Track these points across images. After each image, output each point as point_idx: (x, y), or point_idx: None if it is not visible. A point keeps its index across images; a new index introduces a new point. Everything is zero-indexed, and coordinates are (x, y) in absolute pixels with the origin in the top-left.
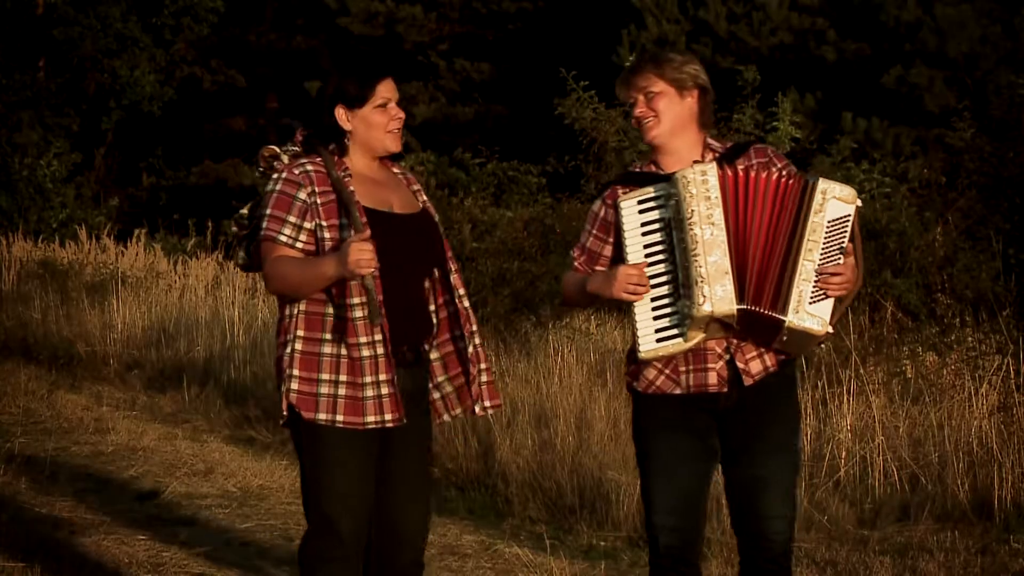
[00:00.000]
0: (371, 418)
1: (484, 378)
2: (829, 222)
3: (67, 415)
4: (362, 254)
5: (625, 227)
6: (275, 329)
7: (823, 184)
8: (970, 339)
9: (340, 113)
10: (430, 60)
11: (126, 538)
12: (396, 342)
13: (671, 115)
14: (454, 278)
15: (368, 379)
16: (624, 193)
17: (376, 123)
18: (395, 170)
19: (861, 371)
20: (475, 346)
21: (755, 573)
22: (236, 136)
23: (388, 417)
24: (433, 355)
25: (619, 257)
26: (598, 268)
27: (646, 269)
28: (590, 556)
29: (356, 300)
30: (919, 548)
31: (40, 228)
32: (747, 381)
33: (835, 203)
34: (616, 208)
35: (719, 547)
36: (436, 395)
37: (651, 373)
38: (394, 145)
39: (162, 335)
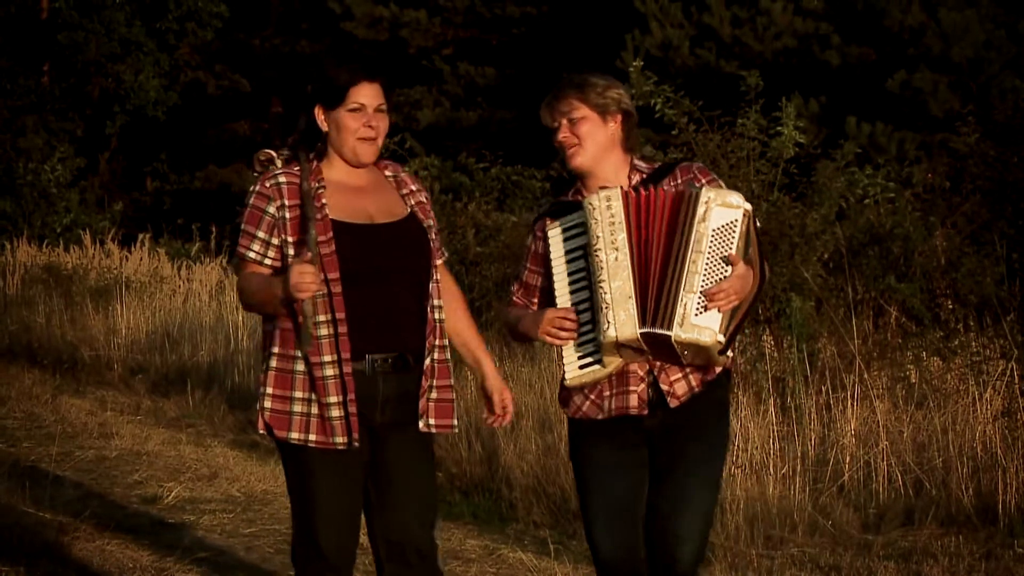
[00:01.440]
0: (340, 439)
1: (434, 395)
2: (713, 230)
3: (71, 419)
4: (302, 277)
5: (552, 256)
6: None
7: (706, 193)
8: (974, 344)
9: (318, 112)
10: (434, 65)
11: (130, 543)
12: (365, 353)
13: (594, 141)
14: (432, 287)
15: (333, 399)
16: (551, 223)
17: (346, 127)
18: (387, 172)
19: (865, 376)
20: (434, 360)
21: None
22: (240, 141)
23: (355, 437)
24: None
25: (550, 287)
26: (534, 301)
27: (570, 297)
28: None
29: (320, 318)
30: (923, 553)
31: (44, 233)
32: (672, 403)
33: (720, 210)
34: (545, 238)
35: (723, 552)
36: (422, 400)
37: (578, 399)
38: (366, 154)
39: (166, 340)
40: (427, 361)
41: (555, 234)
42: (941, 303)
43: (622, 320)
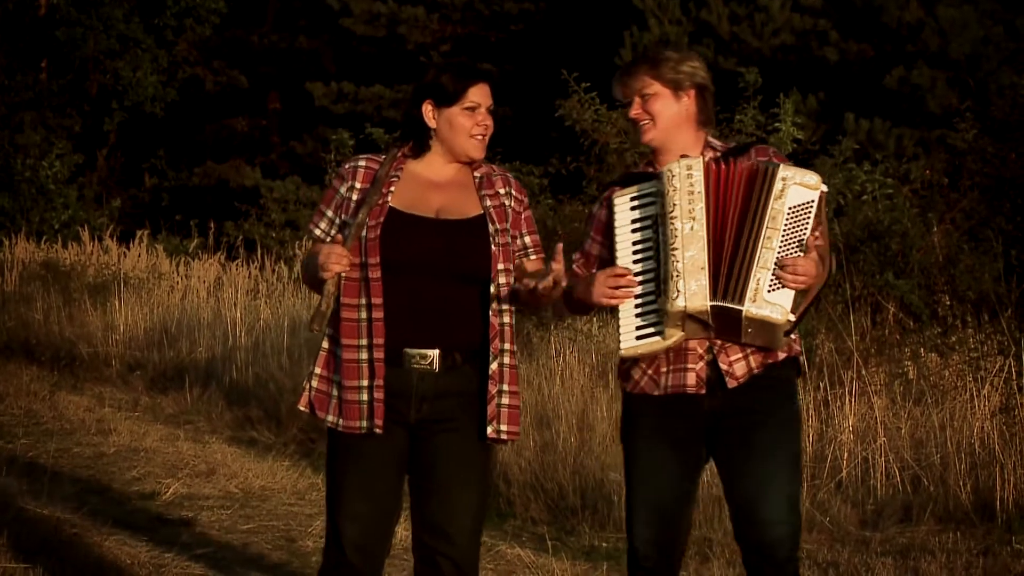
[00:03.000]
0: (363, 423)
1: (505, 401)
2: (790, 208)
3: (69, 416)
4: (328, 257)
5: (616, 225)
6: None
7: (784, 170)
8: (972, 340)
9: (427, 109)
10: (432, 61)
11: (128, 539)
12: (397, 344)
13: (666, 117)
14: (497, 289)
15: (361, 383)
16: (619, 192)
17: (460, 126)
18: (476, 173)
19: (863, 372)
20: (501, 364)
21: None
22: (238, 137)
23: (377, 423)
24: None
25: (611, 258)
26: (594, 271)
27: (633, 267)
28: (592, 557)
29: (362, 301)
30: (921, 549)
31: (42, 229)
32: (731, 383)
33: (797, 189)
34: (609, 206)
35: (720, 548)
36: (490, 406)
37: (636, 373)
38: (476, 151)
39: (164, 336)
40: (494, 365)
41: (622, 202)
42: (939, 299)
43: (693, 291)
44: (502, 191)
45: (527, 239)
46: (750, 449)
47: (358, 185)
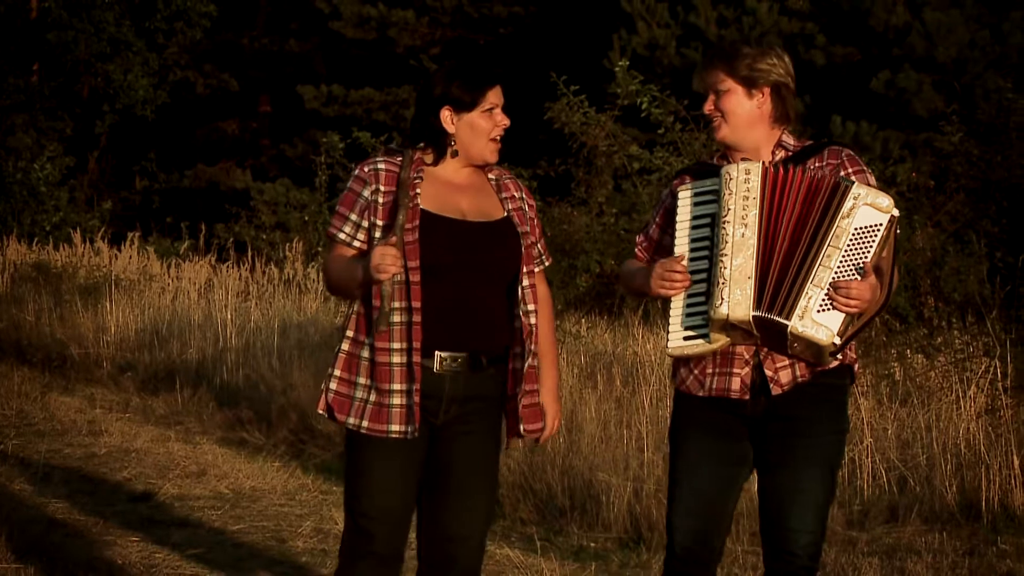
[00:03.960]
0: (396, 427)
1: (527, 400)
2: (856, 229)
3: (60, 417)
4: (384, 258)
5: (678, 218)
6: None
7: (857, 189)
8: (958, 342)
9: (446, 115)
10: (422, 64)
11: (119, 539)
12: (434, 347)
13: (738, 115)
14: (523, 291)
15: (396, 387)
16: (687, 182)
17: (482, 129)
18: (490, 175)
19: None
20: (528, 365)
21: None
22: (229, 140)
23: (411, 428)
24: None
25: (671, 246)
26: (656, 257)
27: (689, 264)
28: (580, 557)
29: (394, 305)
30: (907, 549)
31: (34, 231)
32: (775, 390)
33: (866, 210)
34: (674, 196)
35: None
36: (520, 405)
37: (684, 371)
38: (494, 155)
39: (155, 337)
40: (524, 365)
41: (685, 196)
42: (925, 301)
43: (736, 299)
44: (517, 195)
45: (539, 246)
46: (787, 456)
47: (383, 188)
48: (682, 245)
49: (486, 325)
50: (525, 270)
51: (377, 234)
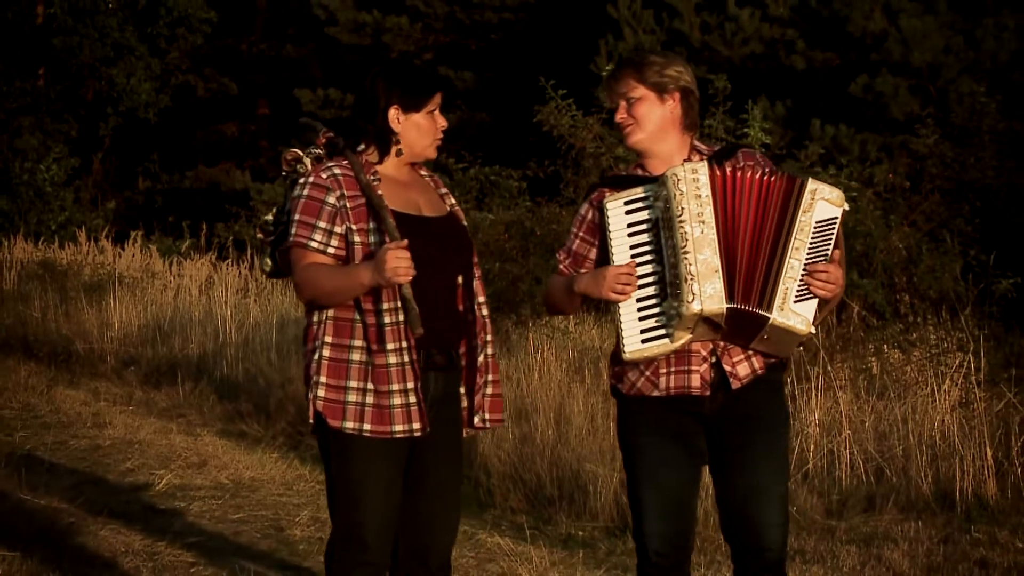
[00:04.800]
0: (399, 427)
1: (489, 390)
2: (817, 223)
3: (66, 410)
4: (399, 262)
5: (611, 228)
6: (302, 335)
7: (812, 184)
8: (933, 337)
9: (393, 115)
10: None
11: (122, 528)
12: (425, 345)
13: (651, 120)
14: (476, 284)
15: (395, 387)
16: (611, 194)
17: (427, 129)
18: (422, 172)
19: (829, 368)
20: (486, 356)
21: None
22: (229, 141)
23: (416, 426)
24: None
25: (605, 259)
26: (583, 271)
27: (635, 277)
28: (568, 545)
29: (386, 306)
30: (884, 537)
31: (40, 230)
32: (734, 384)
33: (823, 204)
34: (602, 210)
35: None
36: (464, 403)
37: (633, 375)
38: (434, 152)
39: (157, 333)
40: (480, 357)
41: (615, 206)
42: (901, 298)
43: (709, 293)
44: (444, 190)
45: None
46: (748, 452)
47: (347, 192)
48: (622, 253)
49: (454, 319)
50: (475, 260)
51: (356, 239)
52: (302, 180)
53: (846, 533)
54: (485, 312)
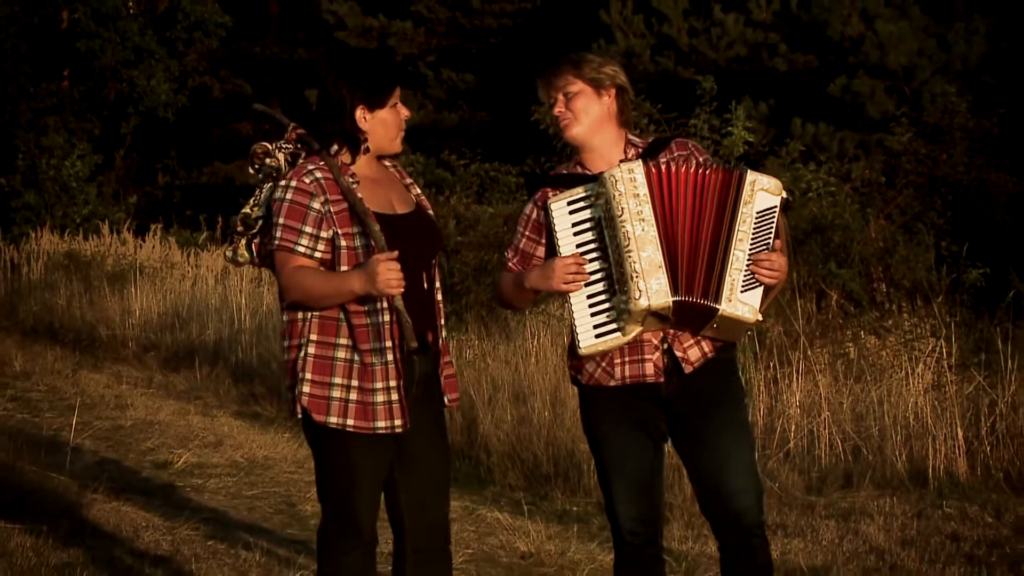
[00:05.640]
0: (381, 423)
1: (447, 371)
2: (758, 213)
3: (90, 392)
4: (391, 274)
5: (556, 227)
6: (281, 329)
7: (752, 175)
8: (907, 324)
9: (359, 114)
10: (419, 70)
11: (143, 504)
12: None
13: (589, 114)
14: (433, 270)
15: (379, 385)
16: (553, 195)
17: (393, 123)
18: (386, 163)
19: (809, 353)
20: (442, 339)
21: (733, 551)
22: (243, 139)
23: (397, 423)
24: None
25: (551, 256)
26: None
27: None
28: (563, 520)
29: (370, 307)
30: (861, 512)
31: (65, 223)
32: (687, 369)
33: (763, 194)
34: (546, 210)
35: (680, 512)
36: (442, 379)
37: (590, 366)
38: (399, 146)
39: (176, 320)
40: (440, 341)
41: (559, 207)
42: (877, 287)
43: (655, 289)
44: (409, 180)
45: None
46: (711, 427)
47: (331, 197)
48: (568, 251)
49: (427, 307)
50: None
51: (342, 243)
52: (283, 183)
53: (825, 508)
54: (439, 297)
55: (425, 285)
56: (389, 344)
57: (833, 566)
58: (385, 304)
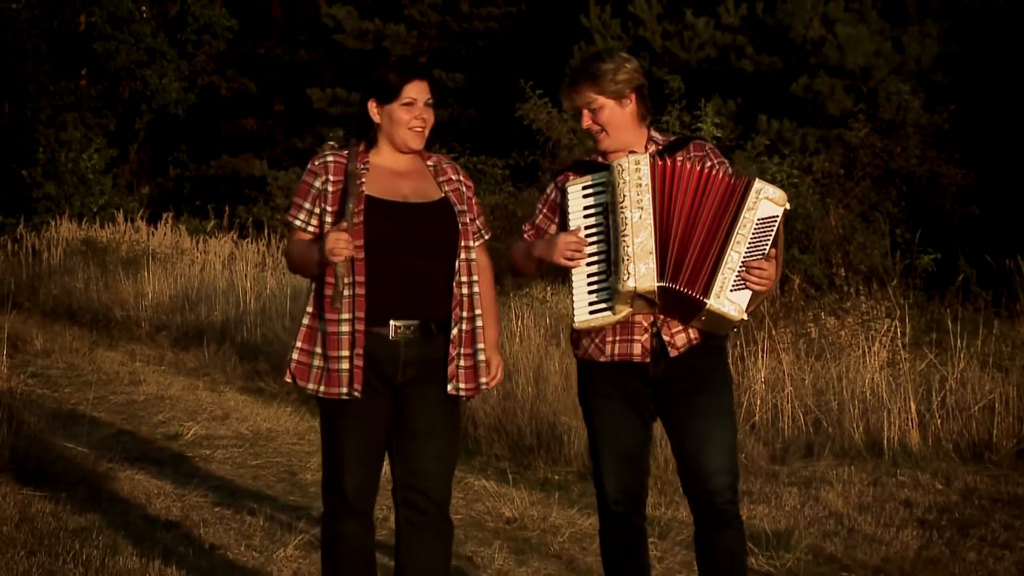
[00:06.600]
0: (344, 389)
1: (463, 362)
2: (759, 220)
3: (105, 369)
4: (336, 243)
5: (569, 209)
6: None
7: (759, 184)
8: (864, 306)
9: (371, 106)
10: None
11: (155, 473)
12: (396, 318)
13: (615, 124)
14: (458, 264)
15: (343, 353)
16: (572, 179)
17: (399, 119)
18: (428, 162)
19: (773, 332)
20: (461, 330)
21: (706, 527)
22: (248, 134)
23: (356, 387)
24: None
25: None
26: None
27: (584, 249)
28: (545, 487)
29: (346, 280)
30: (821, 480)
31: (83, 212)
32: (672, 353)
33: (767, 203)
34: (563, 192)
35: (654, 480)
36: (451, 366)
37: (585, 341)
38: (414, 142)
39: (186, 302)
40: (454, 331)
41: (575, 190)
42: (836, 271)
43: (642, 273)
44: (454, 177)
45: (478, 222)
46: (693, 410)
47: (331, 178)
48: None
49: (432, 295)
50: (463, 244)
51: (328, 219)
52: (308, 166)
53: (788, 477)
54: (466, 291)
55: (433, 274)
56: (350, 315)
57: (795, 530)
58: (351, 279)
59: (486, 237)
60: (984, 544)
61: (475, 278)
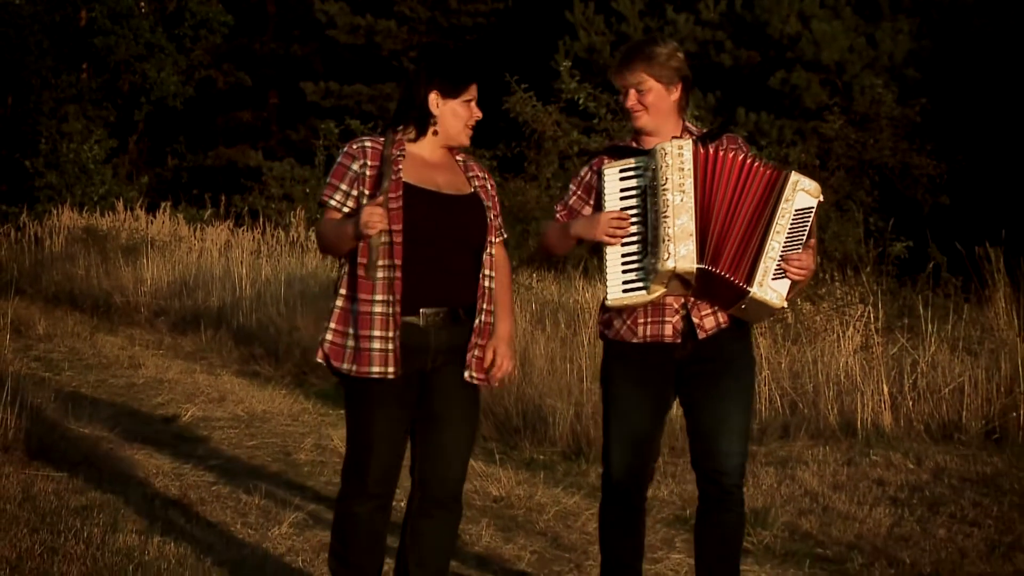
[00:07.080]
0: (376, 368)
1: (477, 352)
2: (796, 211)
3: (106, 353)
4: (371, 216)
5: (606, 191)
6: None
7: (795, 176)
8: (838, 291)
9: (433, 98)
10: (403, 65)
11: (154, 453)
12: (427, 305)
13: (659, 108)
14: (484, 257)
15: (377, 333)
16: (609, 162)
17: (461, 115)
18: (458, 158)
19: None
20: (481, 321)
21: (711, 503)
22: (244, 126)
23: (390, 369)
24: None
25: None
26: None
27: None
28: (531, 467)
29: (383, 262)
30: (797, 460)
31: (84, 201)
32: (701, 335)
33: (803, 195)
34: (599, 175)
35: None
36: (468, 355)
37: (617, 323)
38: (466, 139)
39: (183, 288)
40: (476, 321)
41: (612, 173)
42: None
43: (682, 254)
44: (480, 175)
45: (498, 220)
46: (714, 392)
47: (369, 162)
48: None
49: (462, 283)
50: (489, 239)
51: (364, 202)
52: (343, 149)
53: (765, 457)
54: (488, 284)
55: (461, 265)
56: (387, 297)
57: (772, 508)
58: (389, 262)
59: (504, 236)
60: (954, 521)
61: (493, 273)
